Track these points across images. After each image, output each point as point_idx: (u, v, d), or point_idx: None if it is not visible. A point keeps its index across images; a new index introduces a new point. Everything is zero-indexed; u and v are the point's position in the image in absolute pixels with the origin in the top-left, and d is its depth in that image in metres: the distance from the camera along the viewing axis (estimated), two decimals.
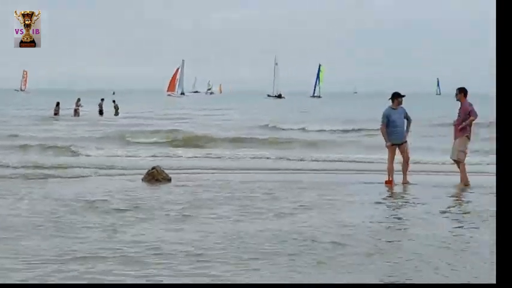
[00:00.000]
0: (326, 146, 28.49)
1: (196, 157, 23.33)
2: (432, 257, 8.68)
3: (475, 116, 15.59)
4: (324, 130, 38.87)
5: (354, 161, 21.95)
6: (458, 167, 15.92)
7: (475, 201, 13.50)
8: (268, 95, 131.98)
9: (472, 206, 12.96)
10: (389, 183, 15.83)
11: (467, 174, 15.84)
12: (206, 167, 19.92)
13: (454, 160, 15.95)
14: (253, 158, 23.32)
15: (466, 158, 15.99)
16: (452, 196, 14.53)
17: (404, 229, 10.84)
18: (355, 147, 27.58)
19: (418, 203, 13.27)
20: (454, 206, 13.16)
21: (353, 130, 39.03)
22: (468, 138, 15.80)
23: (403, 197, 14.49)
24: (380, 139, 17.01)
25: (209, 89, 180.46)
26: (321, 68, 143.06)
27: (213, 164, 21.16)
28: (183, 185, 15.48)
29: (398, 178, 16.08)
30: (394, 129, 15.99)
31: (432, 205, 12.86)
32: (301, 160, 22.39)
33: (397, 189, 15.46)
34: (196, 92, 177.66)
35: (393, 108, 16.09)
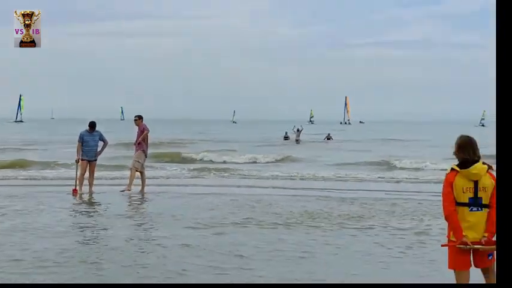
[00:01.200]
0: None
1: None
2: (120, 254, 8.62)
3: (148, 129, 16.76)
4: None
5: (46, 178, 21.00)
6: (141, 177, 16.63)
7: (152, 204, 14.06)
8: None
9: (151, 208, 13.45)
10: (76, 192, 15.82)
11: (145, 183, 16.57)
12: None
13: (130, 168, 16.63)
14: None
15: (146, 173, 16.76)
16: (130, 201, 14.77)
17: (92, 229, 10.65)
18: (44, 165, 25.79)
19: (102, 208, 13.44)
20: (135, 209, 13.54)
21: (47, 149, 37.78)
22: (144, 152, 16.71)
23: (90, 203, 14.46)
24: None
25: None
26: (21, 98, 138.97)
27: None
28: None
29: (85, 188, 16.14)
30: (86, 148, 16.42)
31: (115, 208, 13.08)
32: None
33: (84, 197, 15.41)
34: None
35: (89, 132, 16.51)
